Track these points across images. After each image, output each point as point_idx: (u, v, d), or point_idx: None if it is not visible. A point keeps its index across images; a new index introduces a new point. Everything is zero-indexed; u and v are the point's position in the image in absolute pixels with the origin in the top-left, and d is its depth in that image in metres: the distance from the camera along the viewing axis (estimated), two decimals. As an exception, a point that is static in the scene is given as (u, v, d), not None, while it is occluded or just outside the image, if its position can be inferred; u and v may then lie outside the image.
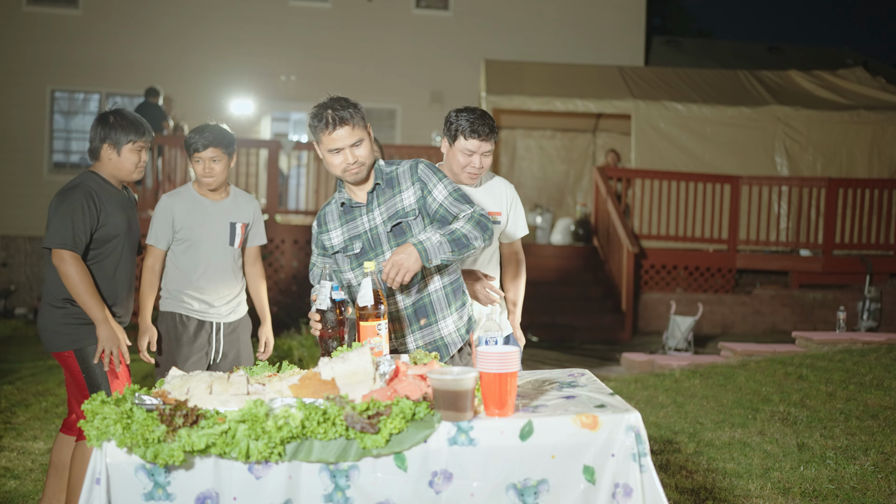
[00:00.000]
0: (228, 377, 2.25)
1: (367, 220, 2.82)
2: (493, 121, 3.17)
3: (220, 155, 3.62)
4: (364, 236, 2.82)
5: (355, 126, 2.66)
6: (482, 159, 3.16)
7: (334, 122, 2.64)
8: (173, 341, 3.72)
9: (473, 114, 3.14)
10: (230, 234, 3.72)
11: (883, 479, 4.01)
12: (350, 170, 2.71)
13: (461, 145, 3.13)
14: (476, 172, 3.17)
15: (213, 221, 3.70)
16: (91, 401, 2.10)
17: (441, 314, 2.86)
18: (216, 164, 3.62)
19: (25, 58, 13.63)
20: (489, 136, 3.13)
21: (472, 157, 3.14)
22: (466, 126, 3.11)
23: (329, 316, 2.57)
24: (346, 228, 2.85)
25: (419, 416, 2.06)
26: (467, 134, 3.11)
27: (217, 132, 3.64)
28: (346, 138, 2.66)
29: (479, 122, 3.11)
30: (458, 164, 3.16)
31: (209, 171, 3.62)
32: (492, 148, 3.16)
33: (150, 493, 2.00)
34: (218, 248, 3.71)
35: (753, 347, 7.37)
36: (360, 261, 2.83)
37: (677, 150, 11.30)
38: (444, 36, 14.39)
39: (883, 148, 11.24)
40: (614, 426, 2.11)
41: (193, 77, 13.77)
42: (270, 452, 1.97)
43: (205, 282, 3.69)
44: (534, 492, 2.08)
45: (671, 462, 4.40)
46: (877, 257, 10.21)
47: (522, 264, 3.53)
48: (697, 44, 18.57)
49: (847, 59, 16.40)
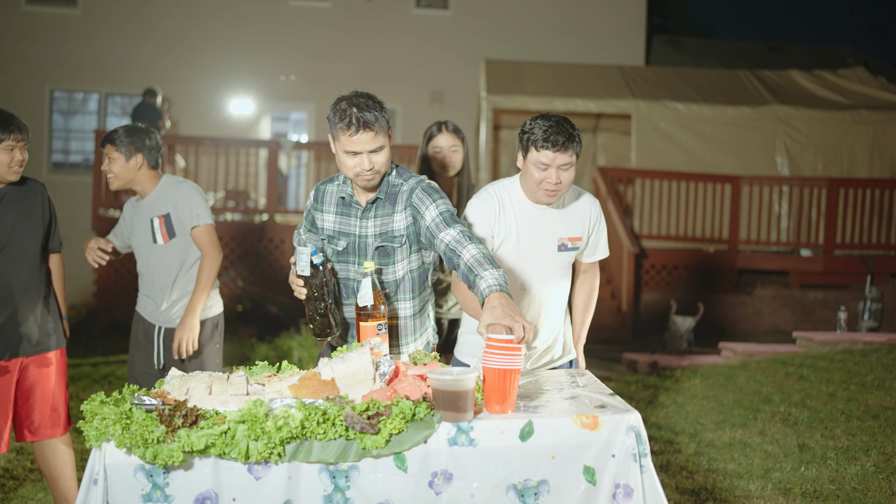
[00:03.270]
0: (228, 377, 2.25)
1: (359, 225, 2.73)
2: (572, 129, 2.73)
3: (114, 154, 3.53)
4: (352, 238, 2.74)
5: (378, 132, 2.54)
6: (559, 174, 2.72)
7: (358, 125, 2.51)
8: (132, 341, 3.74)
9: (548, 121, 2.72)
10: (151, 231, 3.61)
11: (884, 480, 4.00)
12: (363, 175, 2.59)
13: (533, 157, 2.72)
14: (553, 189, 2.74)
15: (138, 223, 3.64)
16: (91, 401, 2.10)
17: (405, 339, 2.80)
18: (113, 164, 3.54)
19: (25, 57, 13.62)
20: (566, 146, 2.69)
21: (548, 172, 2.71)
22: (539, 135, 2.70)
23: (312, 281, 2.58)
24: (339, 220, 2.77)
25: (419, 416, 2.05)
26: (539, 144, 2.69)
27: (117, 131, 3.53)
28: (367, 143, 2.54)
29: (553, 130, 2.68)
30: (532, 179, 2.75)
31: (108, 170, 3.57)
32: (571, 161, 2.72)
33: (149, 494, 1.99)
34: (147, 248, 3.62)
35: (754, 347, 7.37)
36: (339, 257, 2.77)
37: (678, 149, 11.29)
38: (444, 36, 14.39)
39: (884, 148, 11.23)
40: (615, 427, 2.11)
41: (193, 77, 13.77)
42: (270, 453, 1.97)
43: (148, 284, 3.65)
44: (534, 492, 2.07)
45: (672, 462, 4.39)
46: (878, 257, 10.20)
47: (597, 281, 3.16)
48: (698, 43, 18.56)
49: (848, 59, 16.39)
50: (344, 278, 2.77)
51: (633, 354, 7.76)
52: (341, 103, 2.55)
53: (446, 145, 3.66)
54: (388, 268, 2.71)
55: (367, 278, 2.53)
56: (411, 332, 2.80)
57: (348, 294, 2.77)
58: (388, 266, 2.71)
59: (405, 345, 2.80)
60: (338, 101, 2.57)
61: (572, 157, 2.71)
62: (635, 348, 8.34)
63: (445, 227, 2.55)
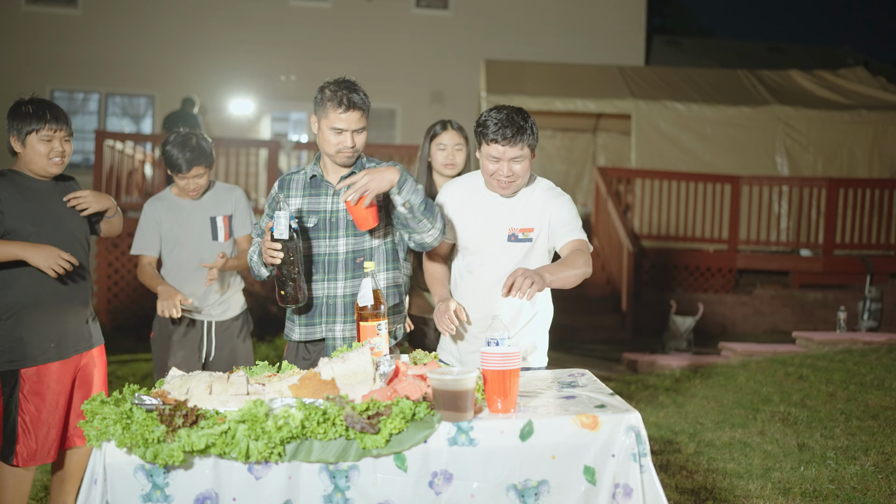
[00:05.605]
0: (228, 377, 2.25)
1: (331, 201, 2.89)
2: (524, 121, 2.73)
3: (202, 171, 3.60)
4: (322, 215, 2.89)
5: (364, 114, 2.80)
6: (511, 166, 2.73)
7: (349, 104, 2.74)
8: (165, 340, 3.72)
9: (500, 113, 2.73)
10: (212, 229, 3.70)
11: (883, 480, 4.01)
12: (344, 152, 2.81)
13: (485, 150, 2.76)
14: (505, 183, 2.77)
15: (194, 220, 3.68)
16: (91, 401, 2.10)
17: None
18: (200, 179, 3.61)
19: (25, 58, 13.62)
20: (515, 139, 2.70)
21: (500, 164, 2.74)
22: (490, 128, 2.72)
23: (289, 244, 2.68)
24: (308, 201, 2.92)
25: (419, 416, 2.05)
26: (489, 137, 2.72)
27: (198, 151, 3.55)
28: (354, 123, 2.77)
29: (503, 124, 2.70)
30: (486, 171, 2.79)
31: (194, 187, 3.62)
32: (523, 153, 2.73)
33: (149, 494, 1.99)
34: (202, 245, 3.68)
35: (754, 347, 7.37)
36: (309, 234, 2.88)
37: (677, 149, 11.28)
38: (444, 36, 14.39)
39: (883, 148, 11.23)
40: (614, 426, 2.11)
41: (193, 77, 13.77)
42: (270, 453, 1.97)
43: (192, 281, 3.67)
44: (534, 492, 2.08)
45: (671, 462, 4.39)
46: (877, 257, 10.20)
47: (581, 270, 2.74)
48: (698, 43, 18.57)
49: (848, 59, 16.40)
50: (315, 254, 2.90)
51: (633, 354, 7.76)
52: (331, 85, 2.79)
53: (450, 143, 3.66)
54: (363, 237, 2.88)
55: (367, 278, 2.54)
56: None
57: (317, 270, 2.89)
58: (363, 235, 2.88)
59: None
60: (327, 83, 2.81)
61: (523, 150, 2.73)
62: (635, 348, 8.33)
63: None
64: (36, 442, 3.04)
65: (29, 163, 3.04)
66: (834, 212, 10.22)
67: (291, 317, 2.97)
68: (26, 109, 3.00)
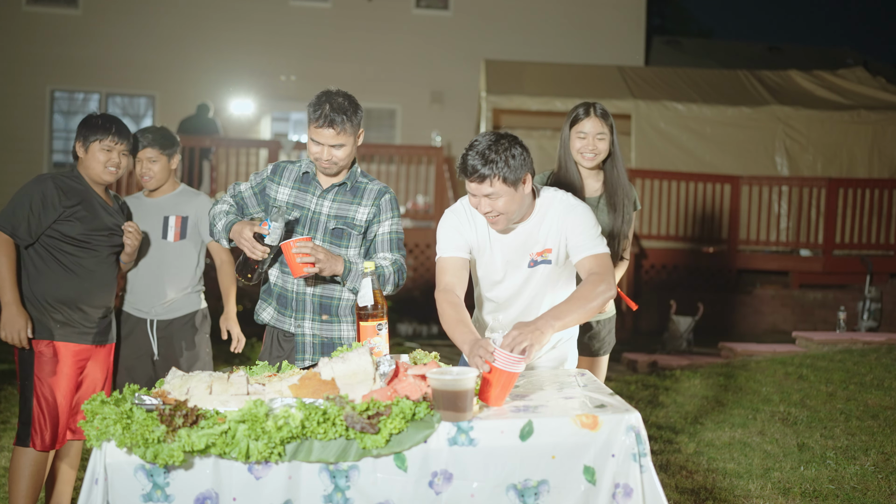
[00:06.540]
0: (228, 377, 2.25)
1: (315, 202, 2.98)
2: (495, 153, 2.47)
3: (157, 156, 3.67)
4: (306, 213, 2.98)
5: (341, 133, 2.84)
6: (491, 202, 2.53)
7: (324, 120, 2.81)
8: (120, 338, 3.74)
9: (472, 149, 2.52)
10: (163, 228, 3.71)
11: (883, 480, 4.01)
12: (321, 163, 2.89)
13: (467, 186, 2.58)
14: (491, 220, 2.59)
15: (149, 217, 3.70)
16: (91, 401, 2.10)
17: (343, 318, 3.01)
18: (154, 165, 3.67)
19: (25, 58, 13.62)
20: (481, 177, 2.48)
21: (478, 200, 2.57)
22: (460, 164, 2.54)
23: (274, 247, 2.83)
24: (295, 194, 3.01)
25: (419, 416, 2.06)
26: (459, 174, 2.56)
27: (158, 134, 3.70)
28: (329, 139, 2.84)
29: (469, 159, 2.50)
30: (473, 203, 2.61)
31: (146, 171, 3.68)
32: (494, 190, 2.50)
33: (149, 493, 2.00)
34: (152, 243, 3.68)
35: (753, 347, 7.37)
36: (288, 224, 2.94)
37: (677, 150, 11.28)
38: (444, 36, 14.39)
39: (883, 148, 11.22)
40: (614, 426, 2.11)
41: (193, 77, 13.77)
42: (270, 453, 1.97)
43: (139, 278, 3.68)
44: (534, 492, 2.08)
45: (671, 462, 4.39)
46: (877, 257, 10.20)
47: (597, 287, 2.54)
48: (697, 44, 18.56)
49: (847, 59, 16.39)
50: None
51: (633, 354, 7.76)
52: (321, 97, 2.85)
53: (592, 132, 3.30)
54: (340, 249, 2.96)
55: (367, 278, 2.54)
56: (349, 313, 3.02)
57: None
58: (339, 248, 2.96)
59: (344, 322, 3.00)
60: (321, 94, 2.87)
61: (494, 187, 2.49)
62: (635, 348, 8.33)
63: (386, 250, 2.97)
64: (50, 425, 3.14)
65: (87, 168, 3.29)
66: (833, 212, 10.22)
67: (265, 296, 3.10)
68: (95, 121, 3.29)
